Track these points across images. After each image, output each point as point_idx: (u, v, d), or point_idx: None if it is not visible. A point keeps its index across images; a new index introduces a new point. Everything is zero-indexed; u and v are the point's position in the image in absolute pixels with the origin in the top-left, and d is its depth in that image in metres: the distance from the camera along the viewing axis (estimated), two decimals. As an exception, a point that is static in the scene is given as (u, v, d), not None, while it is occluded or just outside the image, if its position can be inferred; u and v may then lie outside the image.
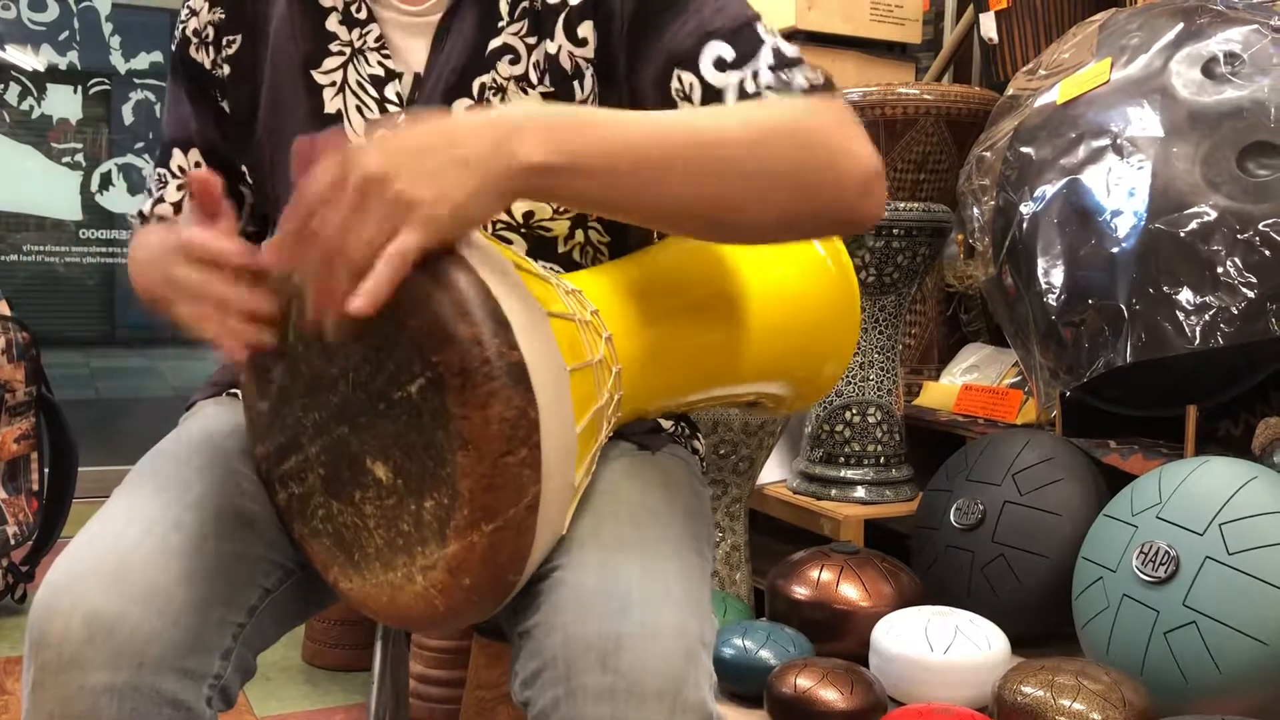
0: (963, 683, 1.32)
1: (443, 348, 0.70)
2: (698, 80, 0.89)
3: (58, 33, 3.64)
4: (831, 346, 1.08)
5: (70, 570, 0.80)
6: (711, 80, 0.88)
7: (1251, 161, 1.39)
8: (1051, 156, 1.57)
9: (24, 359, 2.44)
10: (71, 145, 3.69)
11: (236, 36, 1.04)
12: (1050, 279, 1.53)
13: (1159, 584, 1.25)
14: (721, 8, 0.91)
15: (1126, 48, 1.56)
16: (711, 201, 0.80)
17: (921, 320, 2.19)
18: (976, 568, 1.53)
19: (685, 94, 0.90)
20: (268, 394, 0.85)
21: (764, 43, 0.89)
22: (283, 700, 2.07)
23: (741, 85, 0.88)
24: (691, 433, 1.10)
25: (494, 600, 0.76)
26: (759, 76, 0.88)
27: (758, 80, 0.88)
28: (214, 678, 0.82)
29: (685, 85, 0.90)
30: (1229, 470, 1.28)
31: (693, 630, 0.78)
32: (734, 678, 1.39)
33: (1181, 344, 1.37)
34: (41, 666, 0.77)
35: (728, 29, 0.90)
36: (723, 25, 0.90)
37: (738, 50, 0.89)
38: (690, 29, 0.90)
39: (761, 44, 0.89)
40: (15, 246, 3.68)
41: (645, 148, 0.77)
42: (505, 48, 0.97)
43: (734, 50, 0.89)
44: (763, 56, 0.89)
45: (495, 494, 0.71)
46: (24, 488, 2.48)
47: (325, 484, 0.82)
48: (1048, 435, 1.59)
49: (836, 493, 1.83)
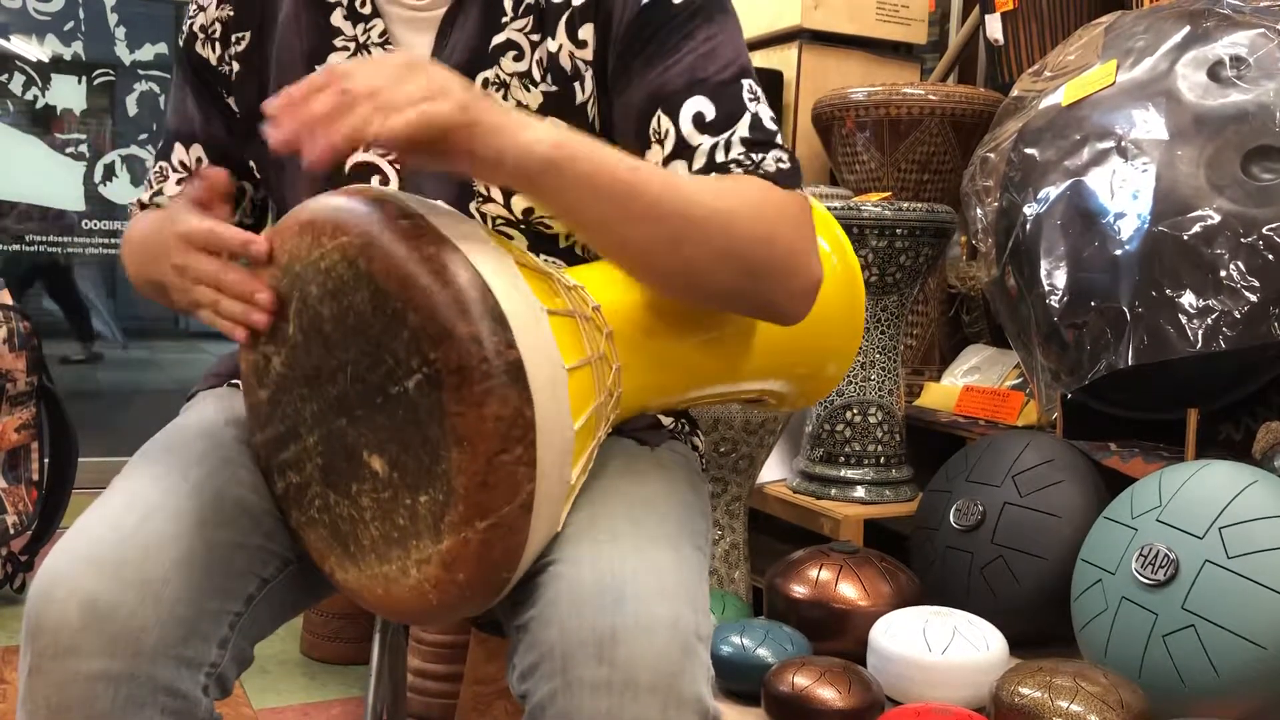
0: (960, 683, 1.32)
1: (441, 345, 0.70)
2: (675, 131, 0.91)
3: (63, 23, 3.64)
4: (836, 343, 1.08)
5: (67, 557, 0.80)
6: (687, 136, 0.91)
7: (1256, 165, 1.39)
8: (1056, 158, 1.57)
9: (25, 348, 2.44)
10: (75, 136, 3.69)
11: (245, 33, 1.04)
12: (1053, 281, 1.52)
13: (1158, 587, 1.25)
14: (714, 50, 0.92)
15: (1132, 50, 1.56)
16: (666, 263, 0.84)
17: (923, 321, 2.19)
18: (975, 568, 1.52)
19: (660, 137, 0.92)
20: (267, 383, 0.85)
21: (746, 110, 0.92)
22: (280, 693, 2.07)
23: (712, 151, 0.90)
24: (691, 429, 1.10)
25: (487, 595, 0.76)
26: (730, 149, 0.90)
27: (729, 152, 0.90)
28: (210, 666, 0.82)
29: (662, 130, 0.92)
30: (1229, 474, 1.28)
31: (688, 624, 0.77)
32: (731, 675, 1.39)
33: (1183, 347, 1.37)
34: (38, 653, 0.77)
35: (715, 82, 0.92)
36: (711, 75, 0.92)
37: (719, 110, 0.91)
38: (680, 70, 0.92)
39: (744, 111, 0.92)
40: (18, 236, 3.68)
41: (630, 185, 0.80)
42: (509, 43, 0.97)
43: (716, 110, 0.91)
44: (741, 125, 0.91)
45: (490, 492, 0.71)
46: (24, 477, 2.48)
47: (323, 474, 0.82)
48: (1048, 437, 1.59)
49: (836, 492, 1.82)
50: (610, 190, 0.80)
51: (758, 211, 0.86)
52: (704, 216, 0.83)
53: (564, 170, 0.77)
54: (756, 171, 0.90)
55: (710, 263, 0.85)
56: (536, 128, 0.77)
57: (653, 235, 0.82)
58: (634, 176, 0.81)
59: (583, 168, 0.78)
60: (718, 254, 0.84)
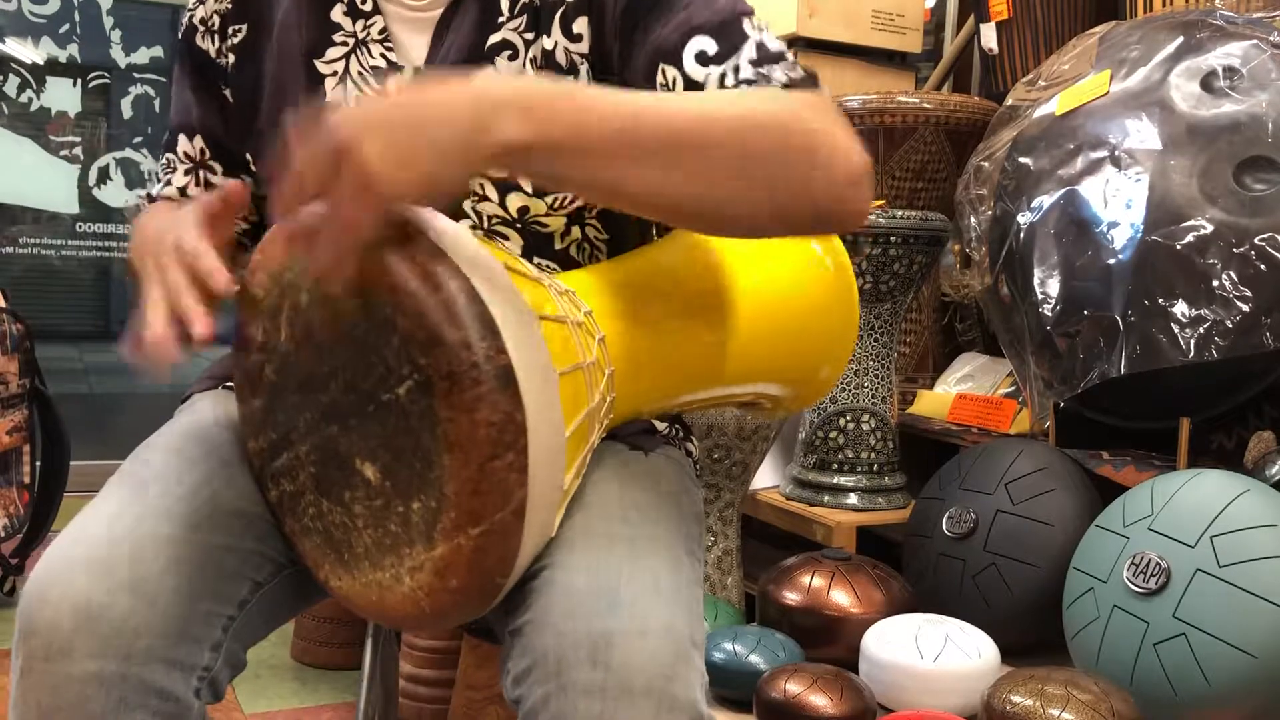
0: (952, 691, 1.32)
1: (430, 350, 0.70)
2: (680, 74, 0.89)
3: (58, 25, 3.64)
4: (829, 346, 1.08)
5: (60, 559, 0.80)
6: (692, 74, 0.88)
7: (1248, 176, 1.40)
8: (1049, 167, 1.57)
9: (18, 351, 2.44)
10: (70, 139, 3.69)
11: (242, 25, 1.04)
12: (1046, 289, 1.53)
13: (1149, 595, 1.25)
14: (710, 2, 0.91)
15: (1126, 60, 1.57)
16: (691, 191, 0.78)
17: (917, 329, 2.19)
18: (968, 576, 1.53)
19: (669, 88, 0.90)
20: (260, 391, 0.85)
21: (748, 38, 0.89)
22: (271, 698, 2.07)
23: (721, 79, 0.87)
24: (685, 435, 1.10)
25: (481, 602, 0.76)
26: (739, 71, 0.87)
27: (738, 74, 0.87)
28: (203, 669, 0.82)
29: (669, 79, 0.90)
30: (1221, 483, 1.28)
31: (682, 629, 0.77)
32: (724, 682, 1.39)
33: (1176, 356, 1.38)
34: (29, 655, 0.77)
35: (713, 24, 0.89)
36: (708, 20, 0.89)
37: (720, 45, 0.88)
38: (676, 23, 0.90)
39: (746, 39, 0.89)
40: (12, 239, 3.67)
41: (623, 131, 0.75)
42: (504, 43, 0.98)
43: (717, 44, 0.88)
44: (745, 51, 0.88)
45: (481, 498, 0.71)
46: (15, 480, 2.47)
47: (316, 482, 0.82)
48: (1041, 445, 1.59)
49: (829, 499, 1.83)
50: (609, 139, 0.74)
51: (773, 115, 0.80)
52: (721, 126, 0.78)
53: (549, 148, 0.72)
54: (768, 83, 0.86)
55: (740, 173, 0.78)
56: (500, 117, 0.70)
57: (669, 167, 0.76)
58: (627, 111, 0.75)
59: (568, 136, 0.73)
60: (744, 158, 0.78)
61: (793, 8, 2.30)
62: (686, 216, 0.82)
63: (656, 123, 0.76)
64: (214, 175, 1.09)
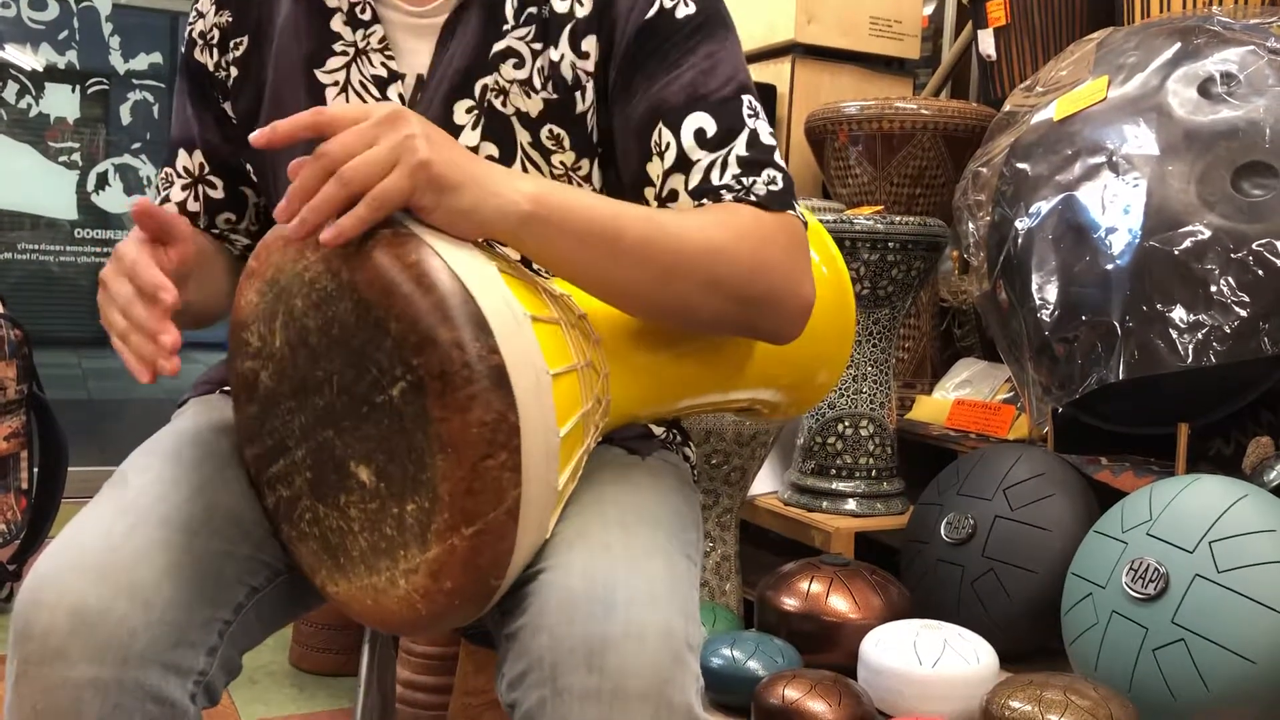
0: (950, 696, 1.32)
1: (423, 351, 0.71)
2: (676, 145, 0.94)
3: (57, 32, 3.64)
4: (827, 350, 1.08)
5: (56, 563, 0.80)
6: (688, 151, 0.93)
7: (1246, 181, 1.40)
8: (1047, 173, 1.57)
9: (16, 356, 2.44)
10: (68, 145, 3.69)
11: (243, 38, 1.04)
12: (1044, 295, 1.53)
13: (1148, 601, 1.25)
14: (715, 67, 0.95)
15: (1124, 66, 1.57)
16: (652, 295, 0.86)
17: (915, 334, 2.19)
18: (966, 582, 1.52)
19: (660, 150, 0.94)
20: (256, 397, 0.85)
21: (745, 126, 0.94)
22: (269, 704, 2.07)
23: (709, 170, 0.93)
24: (683, 440, 1.10)
25: (476, 604, 0.76)
26: (727, 168, 0.92)
27: (724, 172, 0.92)
28: (199, 674, 0.81)
29: (663, 143, 0.94)
30: (1219, 488, 1.28)
31: (679, 633, 0.77)
32: (722, 688, 1.39)
33: (1174, 362, 1.38)
34: (25, 658, 0.77)
35: (716, 99, 0.94)
36: (712, 91, 0.94)
37: (719, 126, 0.94)
38: (682, 85, 0.94)
39: (743, 127, 0.94)
40: (10, 245, 3.67)
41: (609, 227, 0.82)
42: (509, 51, 0.97)
43: (716, 125, 0.94)
44: (739, 142, 0.93)
45: (475, 498, 0.71)
46: (13, 486, 2.47)
47: (312, 487, 0.82)
48: (1039, 451, 1.59)
49: (827, 505, 1.82)
50: (594, 236, 0.81)
51: (746, 242, 0.88)
52: (691, 253, 0.85)
53: (546, 222, 0.79)
54: (747, 197, 0.91)
55: (700, 297, 0.87)
56: (514, 182, 0.78)
57: (640, 276, 0.84)
58: (617, 221, 0.82)
59: (564, 218, 0.80)
60: (706, 287, 0.86)
61: (791, 14, 2.30)
62: (642, 312, 0.90)
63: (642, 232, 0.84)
64: (213, 190, 1.09)
